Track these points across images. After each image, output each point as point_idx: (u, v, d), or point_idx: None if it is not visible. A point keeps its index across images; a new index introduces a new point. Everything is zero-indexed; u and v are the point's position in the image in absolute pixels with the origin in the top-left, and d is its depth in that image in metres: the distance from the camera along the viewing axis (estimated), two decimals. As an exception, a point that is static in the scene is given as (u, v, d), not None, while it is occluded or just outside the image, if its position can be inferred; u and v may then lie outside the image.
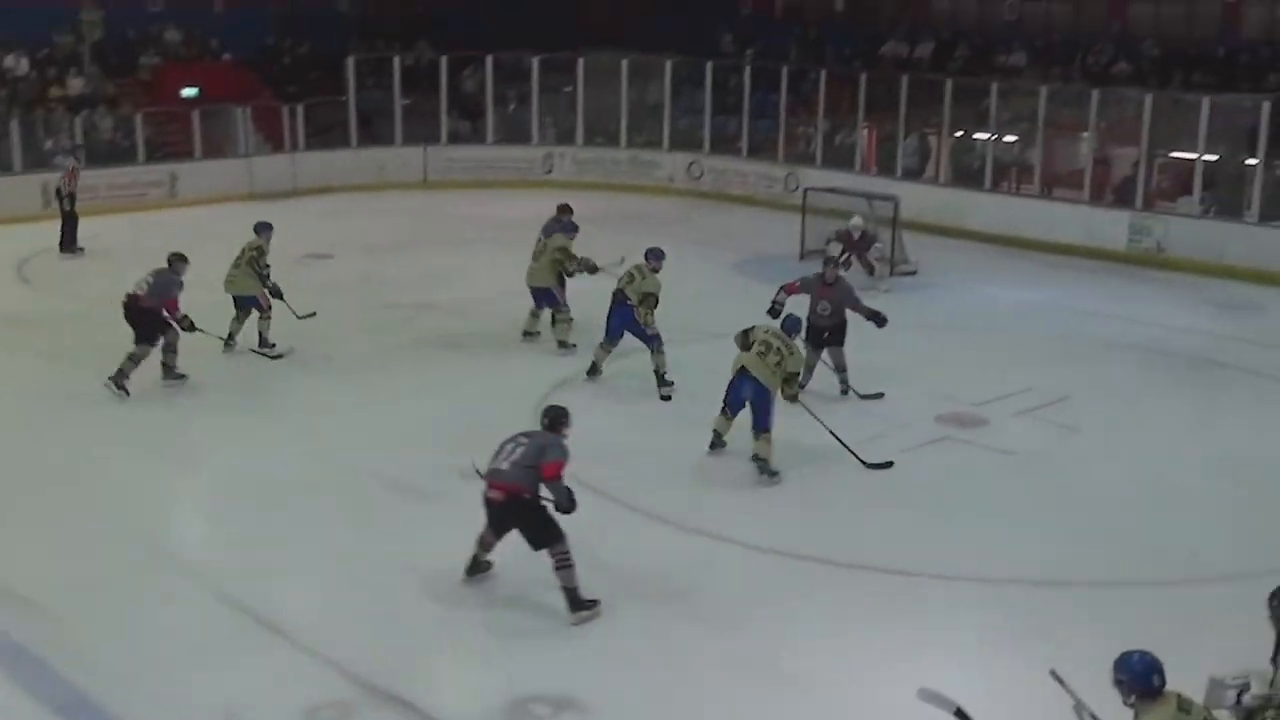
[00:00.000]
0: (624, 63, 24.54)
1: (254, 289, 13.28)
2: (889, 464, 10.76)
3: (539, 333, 14.07)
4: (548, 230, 14.54)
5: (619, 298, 12.53)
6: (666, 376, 12.41)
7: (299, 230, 19.44)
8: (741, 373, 10.43)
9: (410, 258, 18.29)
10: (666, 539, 9.42)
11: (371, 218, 21.07)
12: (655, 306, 12.37)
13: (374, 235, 19.46)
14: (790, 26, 27.14)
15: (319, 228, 20.05)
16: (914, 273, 17.67)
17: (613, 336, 12.61)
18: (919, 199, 20.30)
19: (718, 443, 10.82)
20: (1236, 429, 12.02)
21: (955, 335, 14.99)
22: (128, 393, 11.89)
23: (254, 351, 13.32)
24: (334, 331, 14.39)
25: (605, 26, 29.83)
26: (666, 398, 12.27)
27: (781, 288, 12.18)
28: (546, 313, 13.96)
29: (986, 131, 21.28)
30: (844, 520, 9.88)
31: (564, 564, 8.24)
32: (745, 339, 10.56)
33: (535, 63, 24.49)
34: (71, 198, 18.30)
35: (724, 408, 10.69)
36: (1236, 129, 19.55)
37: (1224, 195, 19.11)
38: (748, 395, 10.44)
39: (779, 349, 10.42)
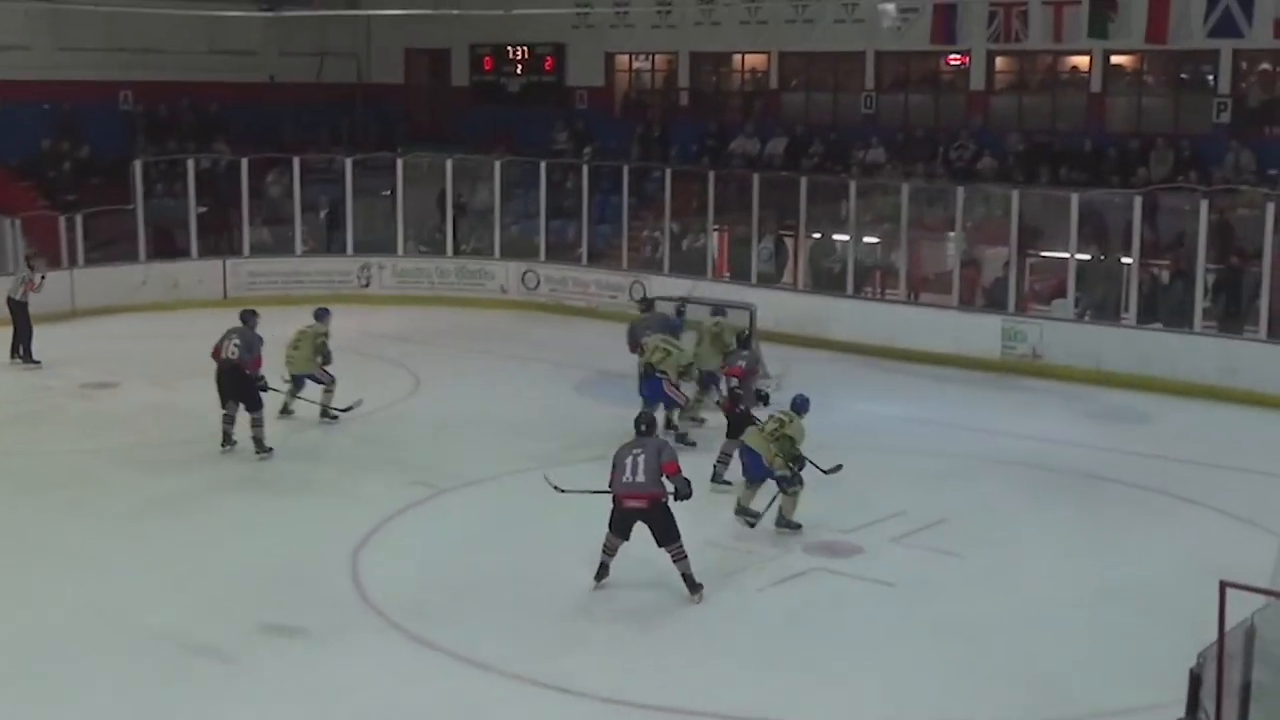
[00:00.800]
0: (448, 163, 24.75)
1: (312, 368, 16.01)
2: (838, 467, 12.78)
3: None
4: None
5: (649, 371, 15.08)
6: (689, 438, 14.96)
7: (78, 356, 19.28)
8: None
9: (208, 386, 17.90)
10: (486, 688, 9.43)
11: (163, 341, 20.71)
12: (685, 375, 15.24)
13: (166, 361, 19.10)
14: (630, 123, 27.72)
15: (101, 353, 19.72)
16: (775, 389, 17.85)
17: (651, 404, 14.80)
18: (777, 307, 20.66)
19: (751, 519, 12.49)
20: (1119, 549, 12.37)
21: (821, 456, 15.19)
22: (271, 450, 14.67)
23: (325, 418, 16.02)
24: (118, 472, 14.25)
25: (426, 124, 30.19)
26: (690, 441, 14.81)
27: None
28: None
29: (846, 233, 21.89)
30: (699, 663, 9.89)
31: (680, 556, 10.96)
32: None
33: (348, 164, 24.53)
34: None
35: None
36: (1108, 226, 20.52)
37: (1099, 296, 19.93)
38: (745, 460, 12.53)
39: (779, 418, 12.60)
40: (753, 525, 12.45)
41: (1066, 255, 19.63)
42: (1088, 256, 19.88)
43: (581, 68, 28.70)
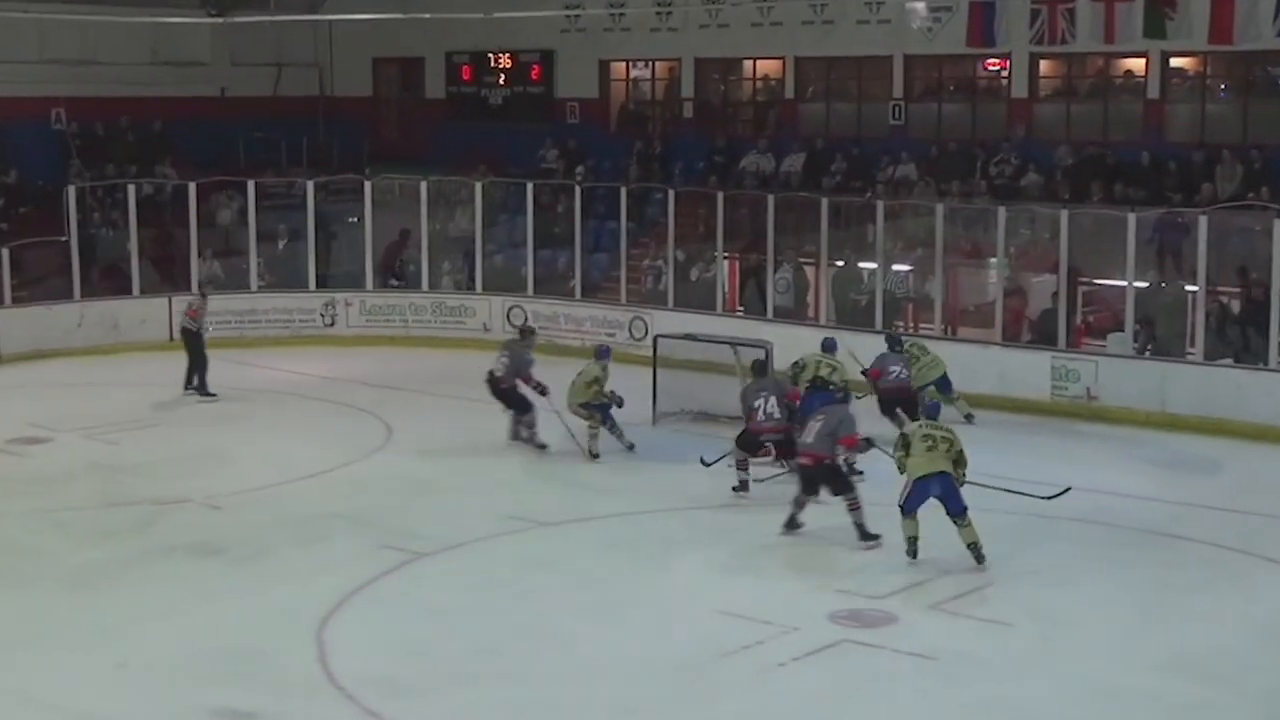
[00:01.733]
0: (423, 185, 24.82)
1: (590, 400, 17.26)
2: (1066, 489, 14.19)
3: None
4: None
5: (819, 384, 16.96)
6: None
7: (3, 408, 19.32)
8: (922, 479, 13.31)
9: (153, 439, 18.14)
10: None
11: (102, 390, 20.76)
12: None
13: (105, 411, 19.20)
14: (628, 139, 27.84)
15: (31, 403, 19.73)
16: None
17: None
18: (796, 345, 20.60)
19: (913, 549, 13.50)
20: (1189, 616, 12.30)
21: (839, 514, 15.24)
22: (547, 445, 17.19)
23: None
24: (48, 538, 14.23)
25: (397, 142, 30.28)
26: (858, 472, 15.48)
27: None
28: None
29: (873, 260, 21.92)
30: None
31: (855, 506, 13.86)
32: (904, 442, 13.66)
33: (310, 187, 24.65)
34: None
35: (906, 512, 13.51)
36: (1170, 249, 20.53)
37: (1161, 329, 19.94)
38: (936, 492, 13.36)
39: (943, 436, 13.51)
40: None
41: (1123, 283, 19.62)
42: (1147, 284, 19.92)
43: (572, 77, 28.86)
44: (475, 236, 24.68)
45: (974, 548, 13.21)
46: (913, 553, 13.38)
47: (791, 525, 14.06)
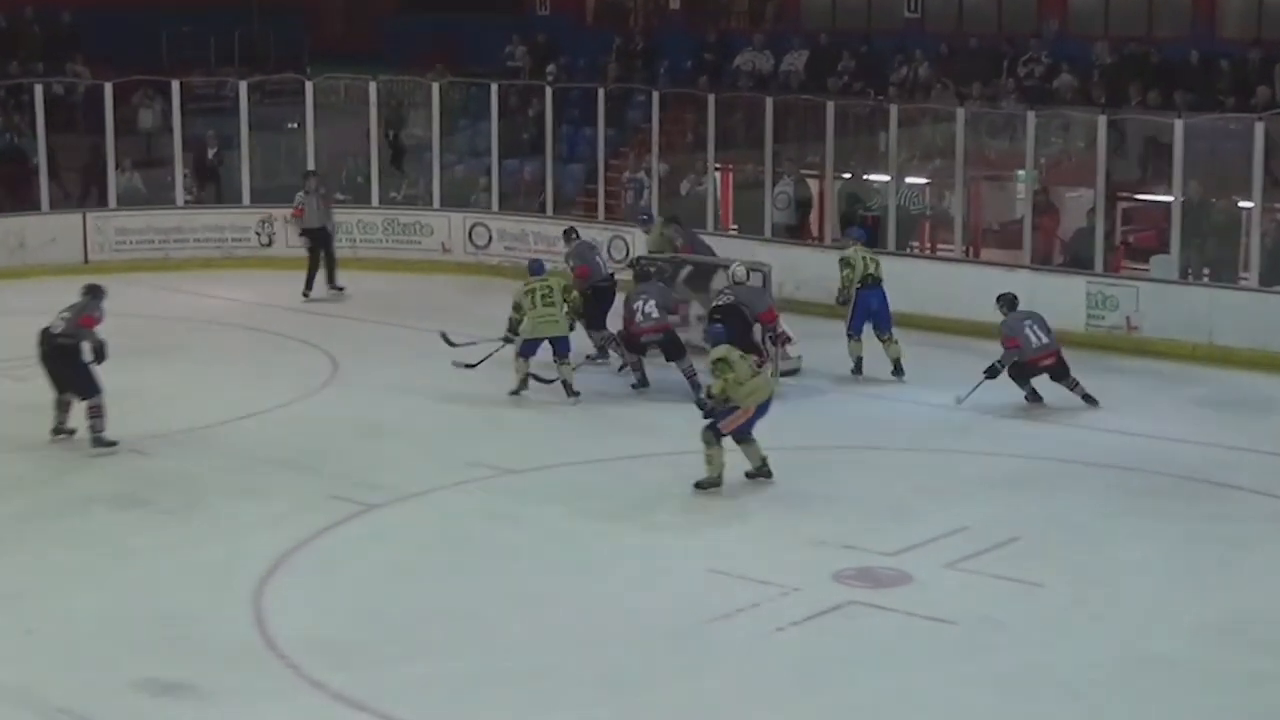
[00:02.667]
0: (372, 85, 24.70)
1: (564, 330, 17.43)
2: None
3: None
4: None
5: (870, 282, 17.82)
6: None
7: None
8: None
9: None
10: None
11: (8, 319, 20.50)
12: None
13: (8, 343, 18.76)
14: (606, 33, 27.64)
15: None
16: (796, 370, 18.01)
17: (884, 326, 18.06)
18: (797, 267, 20.75)
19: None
20: (1240, 573, 12.31)
21: (853, 457, 15.26)
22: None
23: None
24: None
25: (343, 37, 30.07)
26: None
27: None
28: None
29: (885, 172, 21.87)
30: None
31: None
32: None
33: (243, 88, 24.49)
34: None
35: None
36: (1221, 160, 20.43)
37: (1210, 252, 19.94)
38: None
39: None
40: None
41: (1168, 199, 19.61)
42: (1195, 200, 19.86)
43: (542, -38, 28.92)
44: (432, 144, 24.54)
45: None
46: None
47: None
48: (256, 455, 15.16)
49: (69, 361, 15.26)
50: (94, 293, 15.61)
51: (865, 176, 22.86)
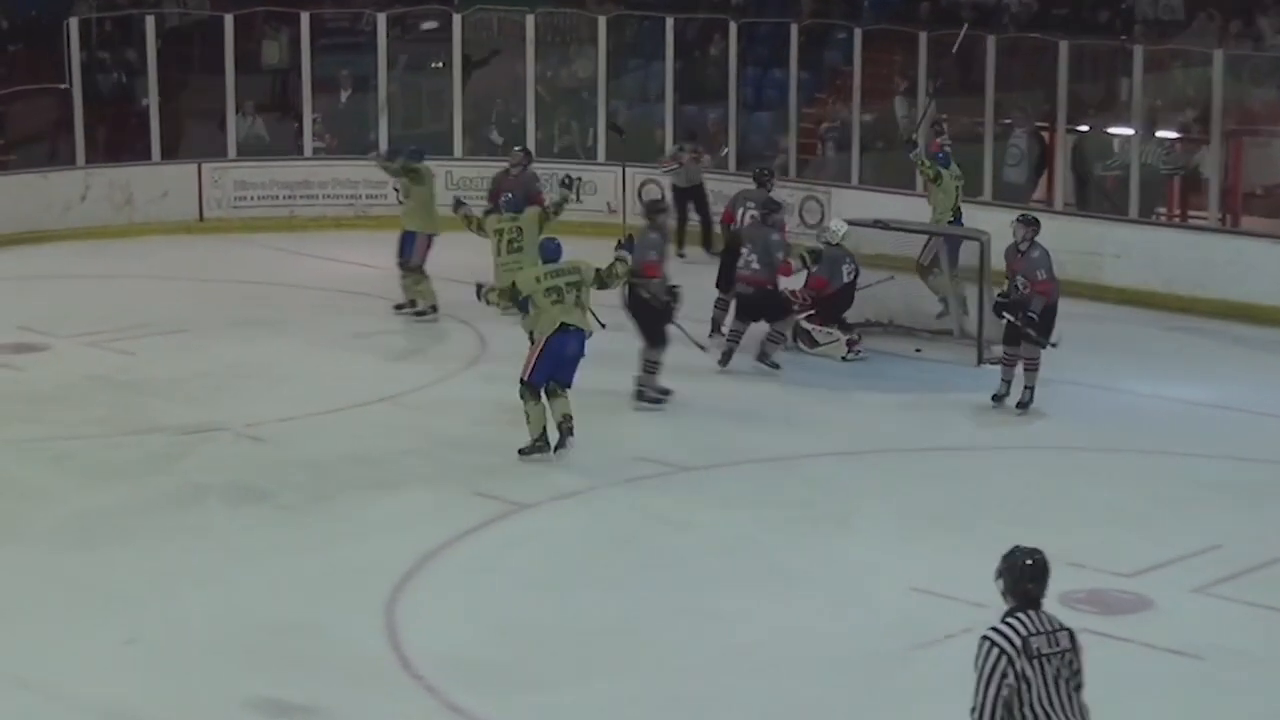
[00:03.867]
0: (528, 19, 24.76)
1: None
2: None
3: None
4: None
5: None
6: None
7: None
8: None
9: (180, 349, 18.26)
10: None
11: (113, 284, 21.01)
12: None
13: (117, 312, 19.36)
14: (802, -41, 27.70)
15: (21, 300, 20.00)
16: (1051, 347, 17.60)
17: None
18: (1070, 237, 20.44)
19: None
20: None
21: (1082, 461, 15.12)
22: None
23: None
24: (42, 475, 14.38)
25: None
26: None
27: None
28: None
29: (1128, 125, 21.62)
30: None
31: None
32: None
33: (381, 21, 24.67)
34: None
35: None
36: None
37: None
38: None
39: None
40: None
41: None
42: None
43: None
44: (597, 87, 24.67)
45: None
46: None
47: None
48: (390, 445, 15.16)
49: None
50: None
51: (1105, 130, 22.69)
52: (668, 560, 12.66)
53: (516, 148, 21.20)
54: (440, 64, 25.17)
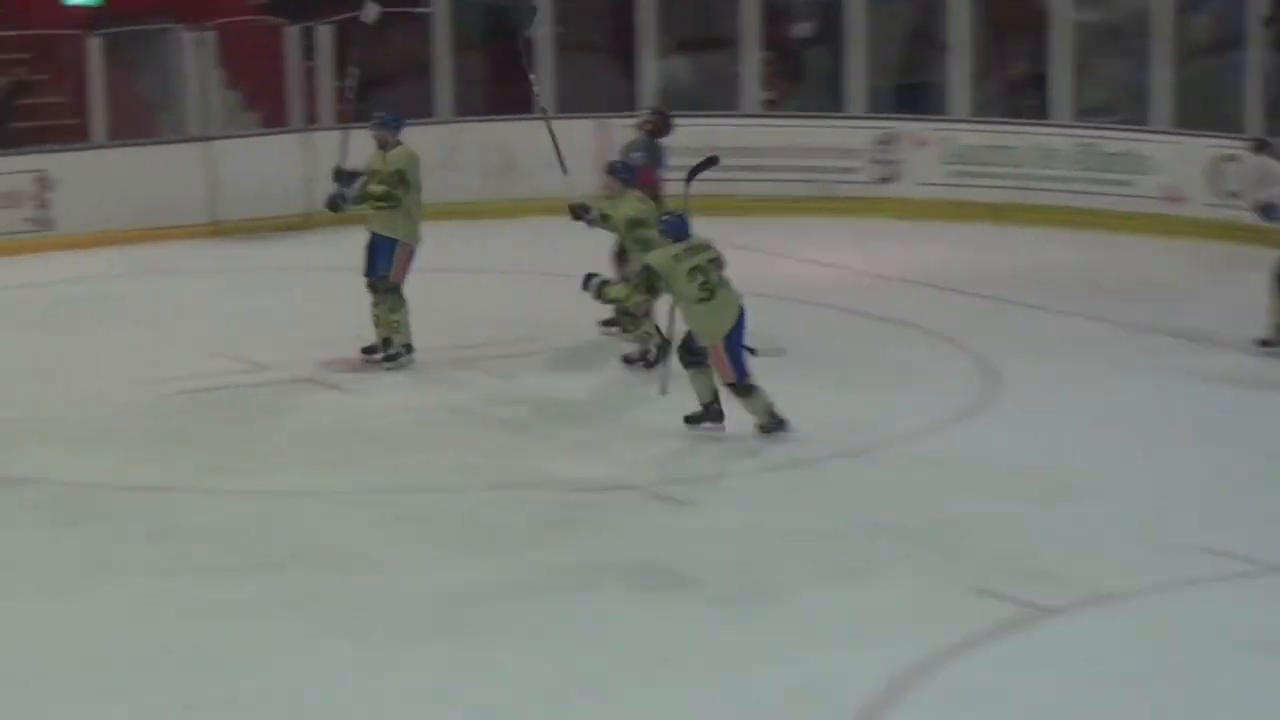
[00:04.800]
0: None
1: None
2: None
3: None
4: None
5: None
6: None
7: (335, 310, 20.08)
8: None
9: (563, 367, 19.38)
10: None
11: (483, 280, 21.74)
12: None
13: (499, 319, 20.21)
14: None
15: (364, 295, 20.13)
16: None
17: None
18: None
19: None
20: None
21: None
22: None
23: None
24: (387, 538, 14.62)
25: None
26: None
27: None
28: None
29: None
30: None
31: None
32: None
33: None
34: None
35: None
36: None
37: None
38: None
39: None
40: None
41: None
42: None
43: None
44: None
45: None
46: None
47: None
48: (857, 516, 14.80)
49: None
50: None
51: None
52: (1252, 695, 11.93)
53: None
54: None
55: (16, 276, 22.67)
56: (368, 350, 18.63)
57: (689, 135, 23.64)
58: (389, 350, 18.44)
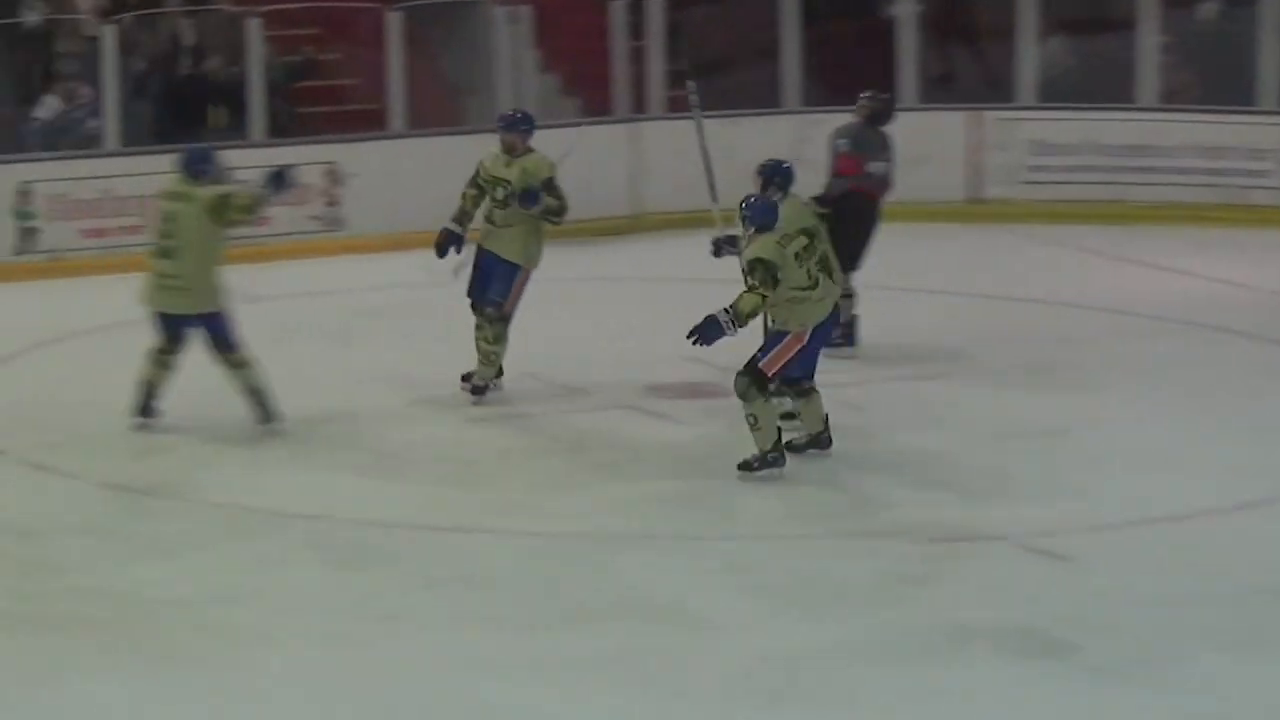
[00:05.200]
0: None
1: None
2: None
3: None
4: None
5: None
6: None
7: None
8: None
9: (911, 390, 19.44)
10: None
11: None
12: None
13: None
14: None
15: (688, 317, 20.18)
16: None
17: None
18: None
19: None
20: None
21: None
22: None
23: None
24: (721, 593, 14.40)
25: None
26: None
27: None
28: None
29: None
30: None
31: None
32: None
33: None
34: None
35: None
36: None
37: None
38: None
39: None
40: None
41: None
42: None
43: None
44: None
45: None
46: None
47: None
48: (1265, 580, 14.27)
49: None
50: None
51: None
52: None
53: None
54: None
55: (307, 282, 23.15)
56: (468, 380, 19.05)
57: (1069, 129, 23.61)
58: (474, 381, 18.84)
